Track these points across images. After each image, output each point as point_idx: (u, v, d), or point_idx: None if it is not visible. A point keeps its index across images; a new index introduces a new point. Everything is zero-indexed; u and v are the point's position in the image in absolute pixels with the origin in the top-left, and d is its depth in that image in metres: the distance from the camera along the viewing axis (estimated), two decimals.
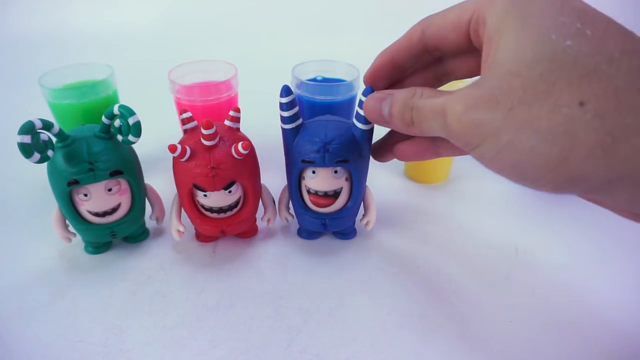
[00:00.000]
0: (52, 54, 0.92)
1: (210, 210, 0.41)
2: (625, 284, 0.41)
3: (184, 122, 0.39)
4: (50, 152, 0.35)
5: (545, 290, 0.40)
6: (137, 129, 0.37)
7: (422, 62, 0.32)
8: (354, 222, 0.45)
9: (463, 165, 0.58)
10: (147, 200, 0.44)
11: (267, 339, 0.35)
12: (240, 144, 0.37)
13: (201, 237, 0.45)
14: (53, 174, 0.37)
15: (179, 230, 0.42)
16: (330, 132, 0.38)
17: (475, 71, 0.30)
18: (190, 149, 0.37)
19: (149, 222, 0.46)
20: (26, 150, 0.34)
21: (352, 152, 0.38)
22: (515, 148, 0.21)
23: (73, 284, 0.40)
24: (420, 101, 0.26)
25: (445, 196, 0.53)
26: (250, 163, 0.40)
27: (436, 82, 0.33)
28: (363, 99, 0.37)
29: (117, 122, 0.38)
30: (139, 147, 0.40)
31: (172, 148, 0.36)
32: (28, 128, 0.33)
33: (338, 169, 0.39)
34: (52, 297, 0.39)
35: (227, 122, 0.40)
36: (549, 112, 0.20)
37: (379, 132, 0.37)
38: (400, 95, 0.27)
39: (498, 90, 0.21)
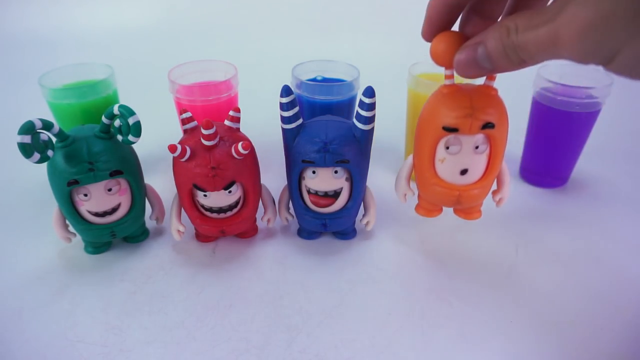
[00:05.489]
0: (52, 54, 0.92)
1: (210, 210, 0.41)
2: (625, 284, 0.41)
3: (184, 122, 0.39)
4: (50, 152, 0.35)
5: (545, 290, 0.40)
6: (137, 129, 0.37)
7: None
8: (354, 222, 0.45)
9: None
10: (147, 200, 0.44)
11: (267, 339, 0.35)
12: (240, 144, 0.37)
13: (201, 237, 0.45)
14: (53, 174, 0.37)
15: (179, 230, 0.42)
16: (331, 132, 0.38)
17: None
18: (190, 149, 0.37)
19: (149, 222, 0.46)
20: (26, 150, 0.34)
21: (353, 152, 0.38)
22: None
23: (73, 284, 0.40)
24: (521, 38, 0.23)
25: None
26: (250, 163, 0.40)
27: None
28: (364, 98, 0.37)
29: (117, 122, 0.38)
30: (139, 147, 0.40)
31: (172, 148, 0.36)
32: (28, 128, 0.33)
33: (338, 169, 0.39)
34: (52, 297, 0.39)
35: (227, 122, 0.40)
36: None
37: (379, 133, 0.37)
38: (492, 37, 0.25)
39: (608, 3, 0.19)
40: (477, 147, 0.36)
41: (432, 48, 0.30)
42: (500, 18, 0.30)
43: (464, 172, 0.37)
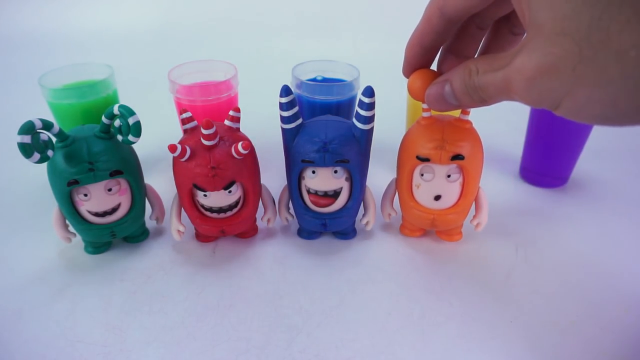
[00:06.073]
0: (52, 54, 0.92)
1: (210, 210, 0.41)
2: (625, 283, 0.41)
3: (184, 122, 0.39)
4: (50, 152, 0.35)
5: (546, 290, 0.40)
6: (137, 129, 0.37)
7: (454, 33, 0.30)
8: (354, 222, 0.45)
9: None
10: (147, 200, 0.44)
11: (267, 339, 0.35)
12: (240, 143, 0.37)
13: (201, 237, 0.45)
14: (53, 174, 0.37)
15: (179, 230, 0.42)
16: (330, 132, 0.38)
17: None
18: (190, 148, 0.37)
19: (149, 222, 0.46)
20: (26, 150, 0.34)
21: (352, 151, 0.38)
22: (596, 102, 0.20)
23: (73, 284, 0.40)
24: (481, 80, 0.25)
25: None
26: (250, 163, 0.40)
27: (511, 37, 0.31)
28: (363, 98, 0.37)
29: (117, 122, 0.38)
30: (139, 147, 0.40)
31: (172, 148, 0.36)
32: (28, 128, 0.33)
33: (338, 168, 0.39)
34: (52, 297, 0.39)
35: (227, 122, 0.40)
36: (616, 61, 0.18)
37: (379, 133, 0.37)
38: (457, 76, 0.27)
39: (551, 56, 0.20)
40: (449, 176, 0.39)
41: (409, 84, 0.32)
42: (478, 51, 0.32)
43: (437, 197, 0.41)
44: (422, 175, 0.40)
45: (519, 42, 0.30)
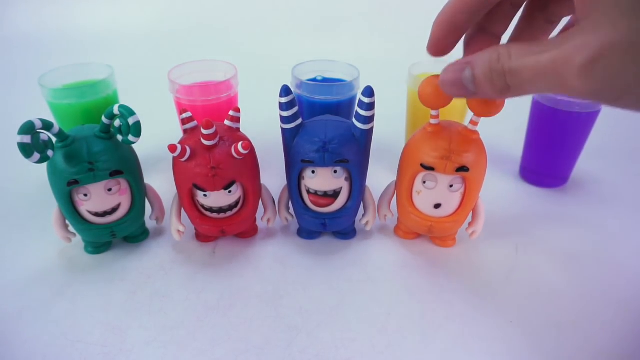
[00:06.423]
0: (52, 54, 0.92)
1: (210, 210, 0.41)
2: (625, 283, 0.41)
3: (184, 122, 0.39)
4: (50, 152, 0.35)
5: (546, 290, 0.40)
6: (137, 129, 0.37)
7: (484, 15, 0.28)
8: (354, 222, 0.45)
9: None
10: (147, 200, 0.44)
11: (267, 339, 0.35)
12: (240, 143, 0.37)
13: (201, 237, 0.45)
14: (53, 174, 0.37)
15: (179, 230, 0.42)
16: (330, 132, 0.38)
17: None
18: (190, 148, 0.37)
19: (149, 222, 0.46)
20: (26, 150, 0.34)
21: (352, 151, 0.38)
22: None
23: (73, 284, 0.40)
24: (515, 63, 0.22)
25: None
26: (250, 163, 0.40)
27: (546, 25, 0.28)
28: (363, 98, 0.37)
29: (117, 122, 0.38)
30: (139, 147, 0.40)
31: (172, 148, 0.36)
32: (28, 128, 0.33)
33: (338, 168, 0.39)
34: (52, 297, 0.39)
35: (227, 122, 0.40)
36: None
37: (379, 133, 0.37)
38: (481, 60, 0.24)
39: (624, 30, 0.17)
40: (451, 186, 0.39)
41: (419, 90, 0.32)
42: (507, 41, 0.30)
43: (437, 206, 0.40)
44: (424, 182, 0.40)
45: (552, 31, 0.29)
